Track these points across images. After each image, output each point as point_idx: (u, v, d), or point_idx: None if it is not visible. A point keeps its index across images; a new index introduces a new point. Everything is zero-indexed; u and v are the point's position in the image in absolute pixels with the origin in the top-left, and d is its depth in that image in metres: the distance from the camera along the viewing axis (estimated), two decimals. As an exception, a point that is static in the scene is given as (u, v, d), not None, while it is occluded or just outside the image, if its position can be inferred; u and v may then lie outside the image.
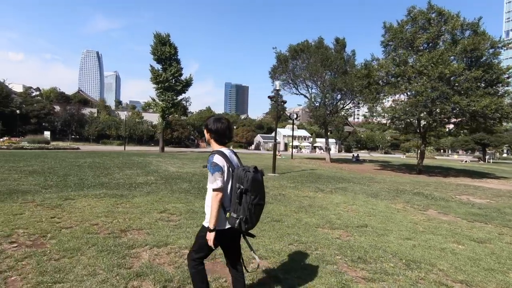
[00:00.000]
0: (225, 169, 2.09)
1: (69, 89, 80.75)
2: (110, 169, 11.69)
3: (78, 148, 29.72)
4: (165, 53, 31.06)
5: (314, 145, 60.76)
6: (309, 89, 25.97)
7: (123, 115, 49.55)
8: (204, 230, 2.16)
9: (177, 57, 32.62)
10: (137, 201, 6.15)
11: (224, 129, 2.21)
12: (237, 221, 2.02)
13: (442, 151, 78.11)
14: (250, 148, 59.87)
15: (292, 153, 30.48)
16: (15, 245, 3.51)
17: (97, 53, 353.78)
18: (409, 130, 19.47)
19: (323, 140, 69.05)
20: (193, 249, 2.25)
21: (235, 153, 2.29)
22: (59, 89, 64.60)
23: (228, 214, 2.08)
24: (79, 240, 3.72)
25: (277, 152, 32.95)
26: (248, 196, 2.01)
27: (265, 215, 5.46)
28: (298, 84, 25.89)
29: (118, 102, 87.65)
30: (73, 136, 48.78)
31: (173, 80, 31.70)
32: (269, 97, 13.80)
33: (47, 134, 38.19)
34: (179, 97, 33.32)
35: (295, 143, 36.03)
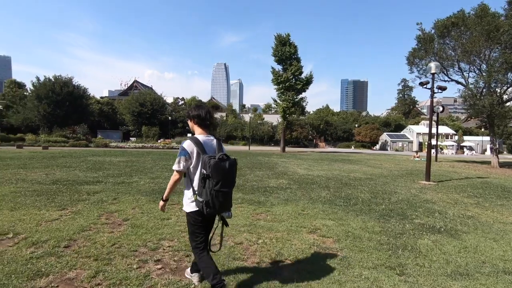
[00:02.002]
0: (194, 154, 2.22)
1: (204, 97, 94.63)
2: (241, 169, 11.69)
3: (212, 148, 33.42)
4: (285, 53, 31.11)
5: (461, 144, 48.99)
6: (464, 73, 20.27)
7: (247, 117, 53.51)
8: (187, 216, 2.38)
9: (297, 55, 32.14)
10: (278, 212, 5.20)
11: (205, 113, 2.35)
12: (201, 204, 2.15)
13: None
14: (374, 148, 53.82)
15: (436, 154, 24.80)
16: (159, 266, 2.95)
17: (225, 64, 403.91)
18: None
19: (473, 138, 54.84)
20: (190, 239, 2.44)
21: (219, 141, 2.36)
22: (197, 97, 76.31)
23: (195, 196, 2.21)
24: (225, 269, 2.87)
25: (415, 154, 27.72)
26: (210, 181, 2.10)
27: (473, 256, 3.44)
28: (447, 68, 20.64)
29: (242, 106, 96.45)
30: (207, 137, 56.13)
31: (294, 79, 31.38)
32: (421, 83, 10.86)
33: (189, 135, 45.14)
34: (299, 96, 32.79)
35: (434, 142, 29.31)
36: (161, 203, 2.45)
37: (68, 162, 12.05)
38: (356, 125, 59.55)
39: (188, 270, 2.72)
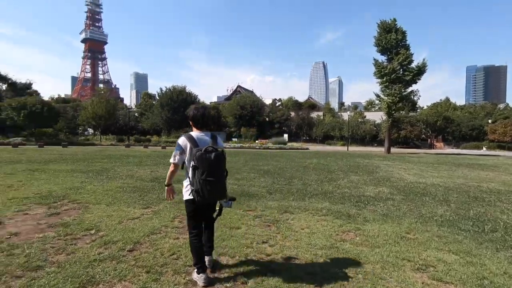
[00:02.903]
0: (187, 149, 2.52)
1: (302, 97, 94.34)
2: (334, 173, 10.52)
3: (307, 149, 32.52)
4: (390, 41, 27.44)
5: None
6: None
7: (345, 116, 50.17)
8: (184, 202, 2.67)
9: (406, 42, 27.92)
10: (372, 232, 4.07)
11: (196, 117, 2.62)
12: (193, 193, 2.45)
13: None
14: (517, 150, 41.79)
15: None
16: (207, 293, 2.46)
17: (323, 63, 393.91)
18: None
19: None
20: (187, 223, 2.78)
21: (214, 137, 2.64)
22: (294, 98, 76.65)
23: (189, 186, 2.53)
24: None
25: None
26: (198, 171, 2.37)
27: None
28: None
29: (341, 104, 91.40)
30: (304, 138, 55.40)
31: (401, 69, 27.34)
32: None
33: (285, 136, 45.58)
34: (408, 89, 28.36)
35: None
36: (166, 188, 2.74)
37: (173, 161, 13.46)
38: (490, 121, 47.72)
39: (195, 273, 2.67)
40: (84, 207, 4.97)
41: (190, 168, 2.47)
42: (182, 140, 2.57)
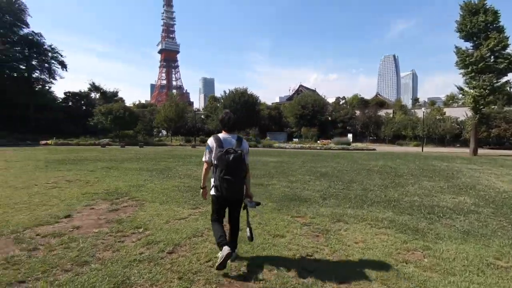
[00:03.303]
0: (214, 148, 2.81)
1: (369, 94, 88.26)
2: (402, 177, 9.30)
3: (374, 149, 30.04)
4: (477, 24, 23.53)
5: None
6: None
7: (420, 113, 44.95)
8: (211, 196, 2.95)
9: (499, 23, 23.57)
10: (446, 252, 3.31)
11: (224, 120, 2.95)
12: (213, 188, 2.80)
13: None
14: None
15: None
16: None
17: (394, 56, 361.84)
18: None
19: None
20: (211, 215, 3.07)
21: (239, 140, 2.92)
22: (359, 95, 72.03)
23: (213, 182, 2.82)
24: None
25: None
26: (218, 170, 2.71)
27: None
28: None
29: (415, 100, 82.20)
30: (370, 138, 51.54)
31: (492, 56, 23.19)
32: None
33: (349, 136, 43.05)
34: (502, 79, 23.87)
35: None
36: (201, 190, 3.01)
37: (231, 161, 13.74)
38: None
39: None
40: (140, 204, 5.26)
41: (213, 166, 2.81)
42: (210, 141, 2.91)
